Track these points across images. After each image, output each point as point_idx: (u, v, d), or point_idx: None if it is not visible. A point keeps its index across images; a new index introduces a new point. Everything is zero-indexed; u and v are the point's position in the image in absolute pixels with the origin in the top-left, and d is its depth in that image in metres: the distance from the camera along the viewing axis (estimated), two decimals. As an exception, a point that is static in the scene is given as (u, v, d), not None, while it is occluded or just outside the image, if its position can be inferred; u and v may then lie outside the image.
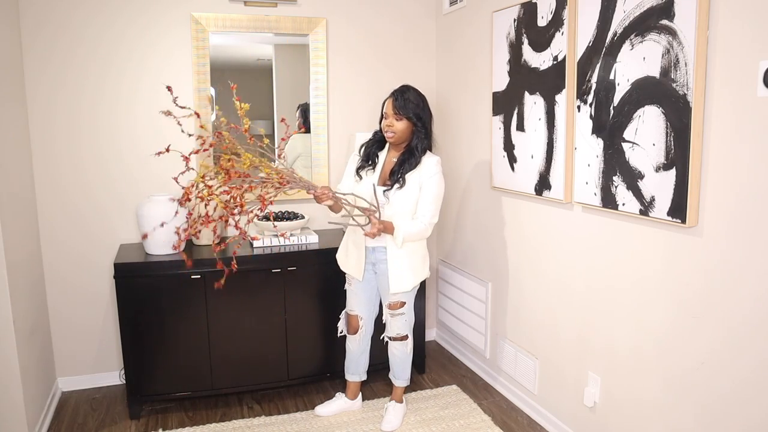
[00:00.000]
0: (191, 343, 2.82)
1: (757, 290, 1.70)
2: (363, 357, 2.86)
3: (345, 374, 2.91)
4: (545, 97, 2.53)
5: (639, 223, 2.11)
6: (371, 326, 2.83)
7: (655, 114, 1.96)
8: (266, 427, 2.74)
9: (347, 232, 2.73)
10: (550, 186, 2.55)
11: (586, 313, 2.43)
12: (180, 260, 2.78)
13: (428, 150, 2.59)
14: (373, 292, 2.75)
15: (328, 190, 2.39)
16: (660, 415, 2.08)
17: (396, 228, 2.47)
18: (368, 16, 3.42)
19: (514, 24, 2.72)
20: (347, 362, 2.88)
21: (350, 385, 2.90)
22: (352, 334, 2.81)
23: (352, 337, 2.81)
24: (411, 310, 2.73)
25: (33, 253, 2.85)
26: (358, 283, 2.71)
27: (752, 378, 1.73)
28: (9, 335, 2.38)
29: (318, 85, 3.35)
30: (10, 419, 2.43)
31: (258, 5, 3.20)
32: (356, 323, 2.78)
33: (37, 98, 2.90)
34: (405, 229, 2.48)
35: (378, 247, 2.62)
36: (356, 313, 2.77)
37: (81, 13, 2.92)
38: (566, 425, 2.60)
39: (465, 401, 2.97)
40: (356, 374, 2.88)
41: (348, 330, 2.83)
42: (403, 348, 2.76)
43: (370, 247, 2.64)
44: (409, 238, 2.50)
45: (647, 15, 1.97)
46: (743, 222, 1.73)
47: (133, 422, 2.81)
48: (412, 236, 2.51)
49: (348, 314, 2.81)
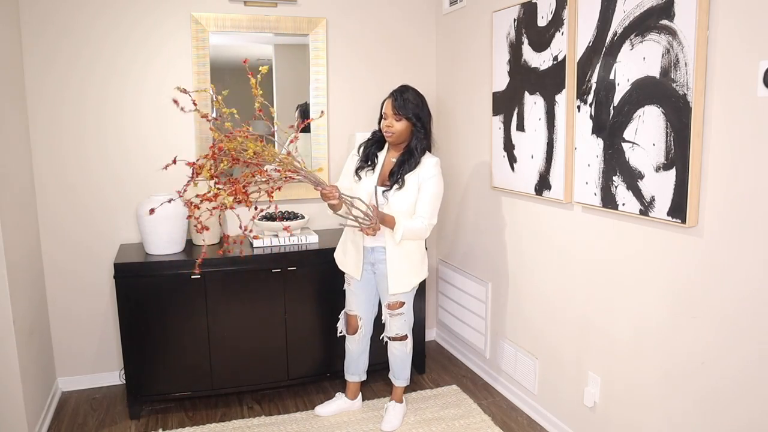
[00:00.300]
0: (191, 343, 2.82)
1: (757, 290, 1.70)
2: (363, 357, 2.86)
3: (345, 374, 2.91)
4: (545, 97, 2.53)
5: (639, 223, 2.11)
6: (371, 326, 2.83)
7: (655, 114, 1.96)
8: (266, 427, 2.74)
9: (345, 230, 2.73)
10: (550, 186, 2.55)
11: (586, 313, 2.43)
12: (180, 260, 2.78)
13: (427, 150, 2.58)
14: (372, 292, 2.75)
15: (336, 191, 2.39)
16: (660, 415, 2.08)
17: (396, 222, 2.47)
18: (368, 16, 3.42)
19: (514, 24, 2.72)
20: (347, 362, 2.88)
21: (350, 385, 2.90)
22: (351, 334, 2.81)
23: (351, 337, 2.81)
24: (410, 310, 2.73)
25: (33, 253, 2.85)
26: (357, 283, 2.71)
27: (752, 378, 1.73)
28: (9, 335, 2.38)
29: (318, 85, 3.35)
30: (10, 419, 2.43)
31: (258, 5, 3.20)
32: (355, 323, 2.78)
33: (40, 99, 2.90)
34: (405, 224, 2.47)
35: (377, 247, 2.62)
36: (355, 313, 2.77)
37: (83, 15, 2.91)
38: (566, 425, 2.60)
39: (465, 401, 2.97)
40: (356, 374, 2.88)
41: (347, 330, 2.83)
42: (403, 348, 2.76)
43: (368, 247, 2.64)
44: (408, 234, 2.49)
45: (647, 15, 1.97)
46: (743, 222, 1.73)
47: (133, 422, 2.81)
48: (411, 233, 2.50)
49: (347, 314, 2.81)
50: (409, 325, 2.76)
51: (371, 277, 2.71)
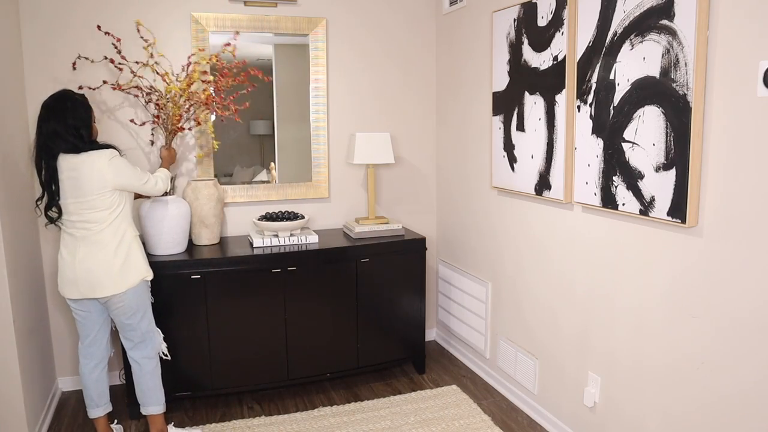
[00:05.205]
0: (191, 343, 2.82)
1: (757, 290, 1.70)
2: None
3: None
4: (545, 97, 2.53)
5: (639, 223, 2.11)
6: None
7: (655, 114, 1.96)
8: (266, 427, 2.74)
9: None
10: (550, 186, 2.55)
11: (586, 313, 2.43)
12: (180, 260, 2.78)
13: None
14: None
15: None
16: (660, 415, 2.08)
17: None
18: (368, 16, 3.42)
19: (514, 24, 2.72)
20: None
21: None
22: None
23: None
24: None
25: (33, 253, 2.85)
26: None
27: (752, 377, 1.73)
28: (9, 335, 2.39)
29: (318, 85, 3.35)
30: (10, 419, 2.43)
31: (258, 5, 3.20)
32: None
33: (40, 98, 2.89)
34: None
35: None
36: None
37: (83, 14, 2.91)
38: (566, 425, 2.60)
39: (465, 401, 2.97)
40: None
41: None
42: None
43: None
44: None
45: (647, 15, 1.97)
46: (743, 222, 1.73)
47: (133, 422, 2.81)
48: None
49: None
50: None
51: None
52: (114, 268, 2.34)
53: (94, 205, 2.32)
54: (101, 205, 2.33)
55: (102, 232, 2.34)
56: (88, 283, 2.34)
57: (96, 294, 2.35)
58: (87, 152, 2.31)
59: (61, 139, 2.29)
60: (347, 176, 3.50)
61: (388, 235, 3.22)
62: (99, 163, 2.31)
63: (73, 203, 2.32)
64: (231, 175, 3.29)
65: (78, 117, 2.33)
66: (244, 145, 3.31)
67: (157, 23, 3.04)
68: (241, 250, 2.93)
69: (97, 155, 2.32)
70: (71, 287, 2.37)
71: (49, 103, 2.33)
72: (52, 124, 2.29)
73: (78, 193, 2.31)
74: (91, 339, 2.51)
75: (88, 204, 2.31)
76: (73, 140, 2.30)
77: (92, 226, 2.33)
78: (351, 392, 3.09)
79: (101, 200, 2.32)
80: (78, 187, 2.30)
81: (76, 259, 2.34)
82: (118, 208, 2.38)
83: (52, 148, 2.30)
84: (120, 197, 2.39)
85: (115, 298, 2.37)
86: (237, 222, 3.31)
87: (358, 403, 2.95)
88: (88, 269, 2.33)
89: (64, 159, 2.31)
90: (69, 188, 2.31)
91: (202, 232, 3.02)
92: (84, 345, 2.52)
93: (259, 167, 3.35)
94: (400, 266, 3.14)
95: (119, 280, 2.35)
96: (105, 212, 2.34)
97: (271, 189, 3.35)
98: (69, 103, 2.33)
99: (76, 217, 2.33)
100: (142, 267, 2.42)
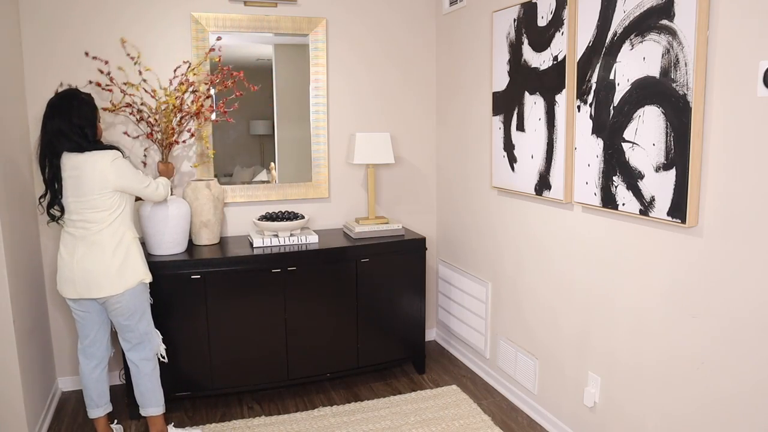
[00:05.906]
0: (191, 343, 2.82)
1: (757, 290, 1.70)
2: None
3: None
4: (545, 97, 2.53)
5: (639, 223, 2.11)
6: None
7: (655, 114, 1.96)
8: (266, 427, 2.74)
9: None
10: (550, 186, 2.55)
11: (586, 313, 2.43)
12: (180, 260, 2.78)
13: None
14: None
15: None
16: (660, 415, 2.08)
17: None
18: (368, 16, 3.42)
19: (514, 24, 2.72)
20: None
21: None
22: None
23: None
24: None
25: (33, 253, 2.85)
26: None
27: (752, 377, 1.73)
28: (9, 335, 2.39)
29: (318, 85, 3.35)
30: (10, 419, 2.43)
31: (258, 5, 3.20)
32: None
33: (40, 97, 2.89)
34: None
35: None
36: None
37: (82, 14, 2.91)
38: (566, 425, 2.60)
39: (465, 401, 2.97)
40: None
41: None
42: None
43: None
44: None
45: (647, 15, 1.97)
46: (743, 222, 1.73)
47: (133, 422, 2.81)
48: None
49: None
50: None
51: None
52: (111, 268, 2.34)
53: (94, 204, 2.32)
54: (102, 206, 2.33)
55: (101, 232, 2.34)
56: (86, 282, 2.34)
57: (93, 294, 2.35)
58: (90, 152, 2.32)
59: (65, 137, 2.29)
60: (347, 176, 3.50)
61: (388, 235, 3.22)
62: (101, 164, 2.31)
63: (74, 202, 2.32)
64: (231, 175, 3.29)
65: (83, 116, 2.33)
66: (243, 145, 3.31)
67: (157, 23, 3.04)
68: (241, 250, 2.93)
69: (101, 155, 2.32)
70: (69, 286, 2.37)
71: (55, 102, 2.33)
72: (57, 122, 2.29)
73: (79, 192, 2.31)
74: (91, 339, 2.51)
75: (89, 203, 2.32)
76: (77, 139, 2.30)
77: (91, 225, 2.33)
78: (351, 392, 3.09)
79: (102, 200, 2.32)
80: (79, 186, 2.30)
81: (74, 258, 2.34)
82: (119, 210, 2.38)
83: (56, 147, 2.30)
84: (121, 199, 2.39)
85: (112, 299, 2.37)
86: (237, 222, 3.31)
87: (358, 403, 2.95)
88: (85, 269, 2.33)
89: (67, 157, 2.31)
90: (71, 187, 2.32)
91: (202, 232, 3.02)
92: (84, 345, 2.52)
93: (259, 167, 3.35)
94: (400, 266, 3.14)
95: (116, 281, 2.35)
96: (105, 213, 2.34)
97: (271, 189, 3.35)
98: (75, 102, 2.34)
99: (77, 216, 2.33)
100: (140, 269, 2.42)
